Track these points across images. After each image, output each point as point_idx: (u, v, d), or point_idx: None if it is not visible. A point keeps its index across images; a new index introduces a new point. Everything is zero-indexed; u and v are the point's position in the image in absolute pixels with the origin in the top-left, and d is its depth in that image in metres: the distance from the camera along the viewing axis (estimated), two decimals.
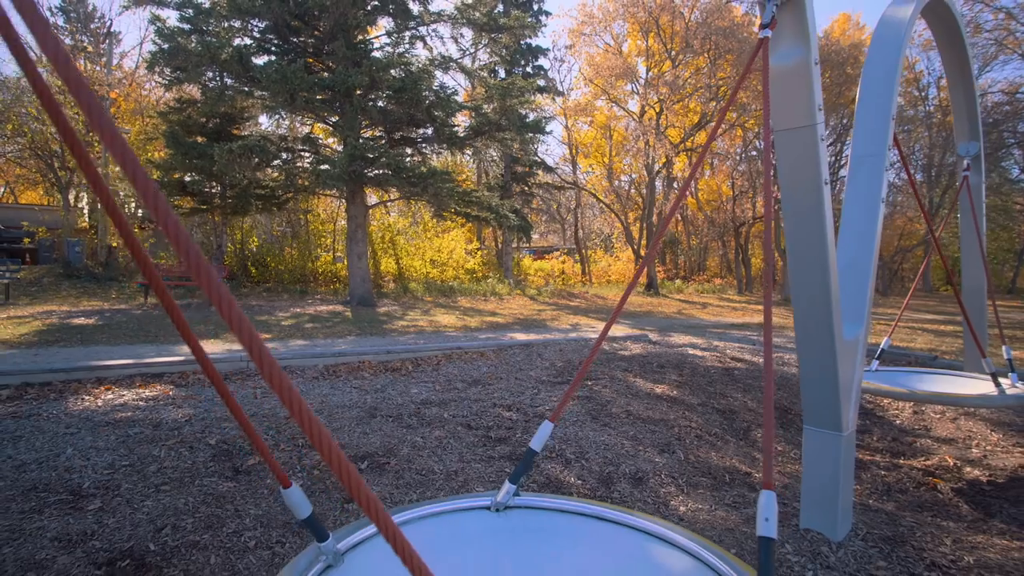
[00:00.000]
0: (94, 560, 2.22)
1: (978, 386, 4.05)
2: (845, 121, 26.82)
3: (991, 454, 4.35)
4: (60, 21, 29.64)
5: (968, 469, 4.07)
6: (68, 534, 2.39)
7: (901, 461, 4.22)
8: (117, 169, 21.95)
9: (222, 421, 3.87)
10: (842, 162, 27.52)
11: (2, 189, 29.58)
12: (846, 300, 2.74)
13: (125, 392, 4.53)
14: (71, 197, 25.01)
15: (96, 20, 30.93)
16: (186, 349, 6.78)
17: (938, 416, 5.21)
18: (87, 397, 4.39)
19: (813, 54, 2.20)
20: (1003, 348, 4.18)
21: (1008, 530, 3.01)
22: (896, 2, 3.43)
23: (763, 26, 2.10)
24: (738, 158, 30.56)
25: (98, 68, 24.65)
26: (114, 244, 20.45)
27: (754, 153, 29.26)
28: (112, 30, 26.70)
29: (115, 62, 26.17)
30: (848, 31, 32.09)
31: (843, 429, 2.61)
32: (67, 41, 27.32)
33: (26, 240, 19.64)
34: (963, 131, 4.86)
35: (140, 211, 23.21)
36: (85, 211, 25.03)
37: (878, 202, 2.86)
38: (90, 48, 27.53)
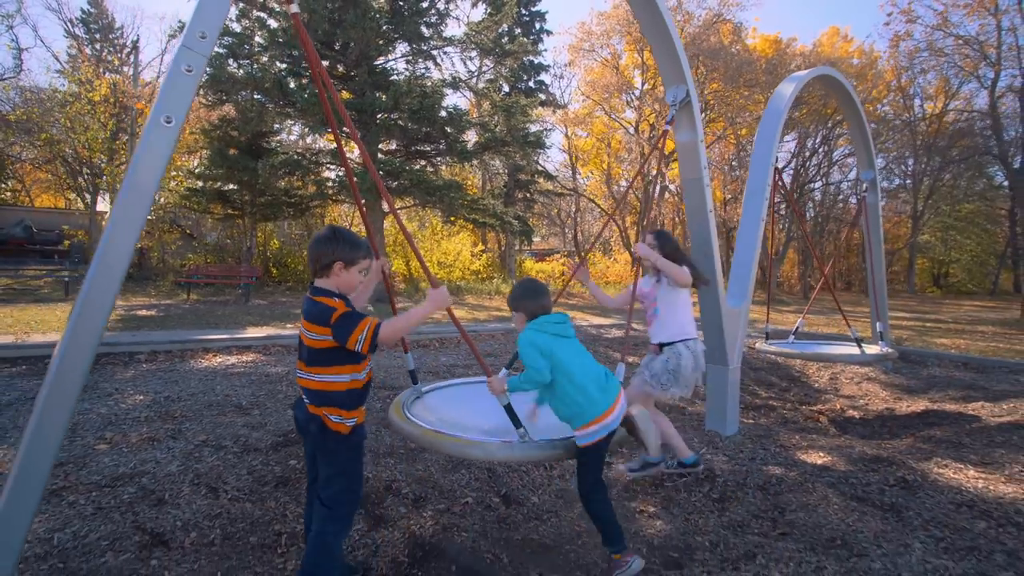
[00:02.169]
0: (272, 433, 3.76)
1: (850, 350, 5.57)
2: (831, 126, 28.30)
3: (873, 403, 5.87)
4: (81, 32, 31.12)
5: (850, 411, 5.60)
6: (250, 424, 3.93)
7: (803, 407, 5.74)
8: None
9: None
10: (824, 170, 28.87)
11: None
12: (734, 284, 4.28)
13: (229, 357, 6.08)
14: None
15: (115, 31, 32.41)
16: (259, 331, 8.31)
17: (847, 380, 6.73)
18: (203, 360, 5.94)
19: (699, 135, 3.74)
20: (876, 324, 5.71)
21: (843, 436, 4.55)
22: (787, 80, 4.98)
23: (667, 123, 3.63)
24: (733, 164, 31.98)
25: (122, 79, 25.93)
26: (140, 246, 21.85)
27: (748, 159, 30.68)
28: (137, 43, 28.20)
29: (140, 72, 27.52)
30: (836, 43, 33.57)
31: (729, 365, 4.14)
32: (88, 51, 28.78)
33: (66, 243, 21.22)
34: (862, 162, 6.39)
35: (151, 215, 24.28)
36: (107, 215, 26.56)
37: (759, 222, 4.39)
38: (117, 61, 29.03)
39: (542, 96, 21.99)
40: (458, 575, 2.51)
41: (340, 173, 14.13)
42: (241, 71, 12.21)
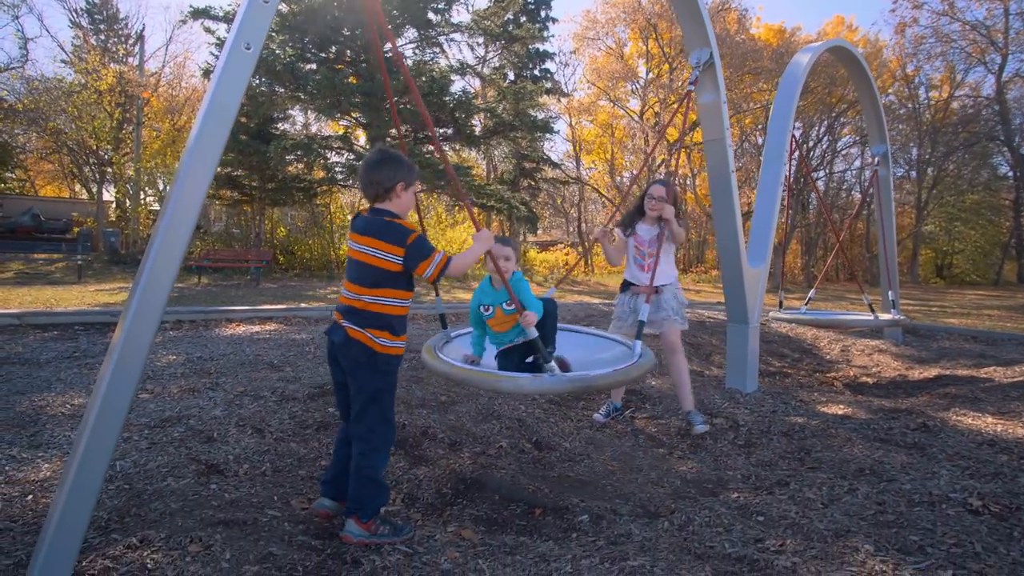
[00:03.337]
0: (308, 386, 3.86)
1: (861, 317, 5.67)
2: (835, 115, 28.27)
3: (885, 372, 5.97)
4: (85, 22, 30.99)
5: (864, 378, 5.70)
6: (283, 379, 4.04)
7: (817, 375, 5.85)
8: (150, 164, 23.46)
9: None
10: (827, 159, 28.88)
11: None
12: (753, 247, 4.37)
13: (253, 327, 6.18)
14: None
15: (119, 21, 32.28)
16: (277, 305, 8.40)
17: (859, 352, 6.83)
18: (227, 328, 6.05)
19: (722, 96, 3.82)
20: (888, 292, 5.80)
21: (856, 394, 4.65)
22: (803, 51, 5.06)
23: (690, 83, 3.72)
24: (737, 153, 31.89)
25: (127, 69, 25.81)
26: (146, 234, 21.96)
27: (750, 148, 30.66)
28: (142, 33, 28.16)
29: (145, 62, 27.44)
30: (841, 33, 33.47)
31: (749, 323, 4.24)
32: (93, 41, 28.68)
33: (75, 230, 21.36)
34: (874, 136, 6.46)
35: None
36: (113, 204, 26.71)
37: (777, 186, 4.48)
38: (122, 51, 29.02)
39: (547, 84, 22.00)
40: (501, 503, 2.62)
41: (349, 158, 14.21)
42: None
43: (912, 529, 2.00)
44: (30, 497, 2.26)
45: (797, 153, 4.99)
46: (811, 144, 29.28)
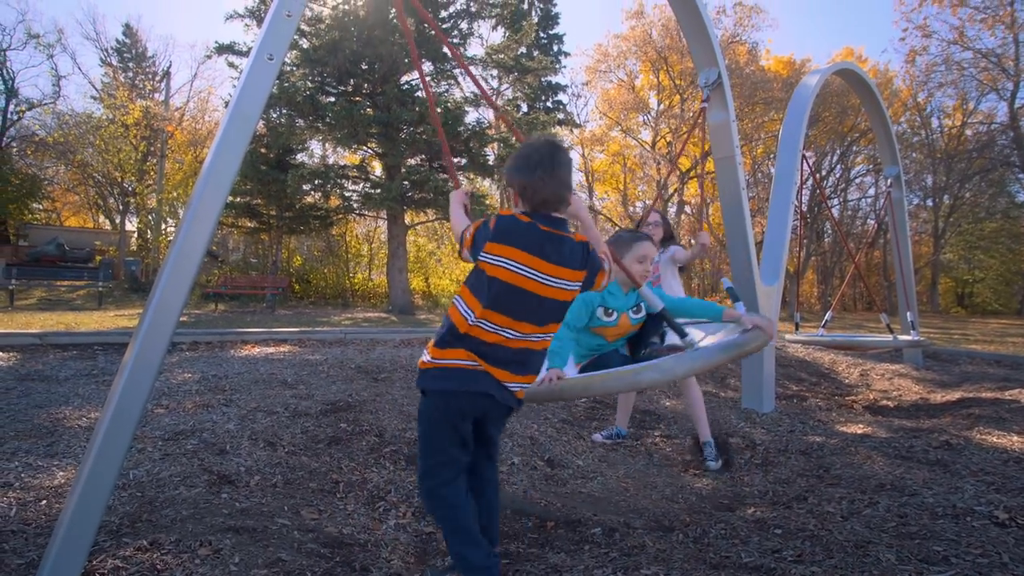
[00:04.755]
0: (320, 403, 3.87)
1: (880, 338, 5.57)
2: (848, 143, 28.30)
3: (906, 395, 5.84)
4: (114, 60, 32.22)
5: (884, 401, 5.58)
6: (297, 396, 4.06)
7: (836, 398, 5.73)
8: (172, 195, 24.03)
9: (353, 360, 5.55)
10: (840, 187, 28.82)
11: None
12: (767, 264, 4.36)
13: (267, 348, 6.24)
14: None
15: (147, 60, 33.52)
16: (288, 329, 8.48)
17: (878, 376, 6.70)
18: (243, 350, 6.10)
19: (731, 115, 3.87)
20: (907, 314, 5.71)
21: (875, 415, 4.55)
22: (811, 73, 5.12)
23: (703, 101, 3.78)
24: (749, 182, 31.92)
25: (153, 104, 26.64)
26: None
27: (763, 178, 30.70)
28: (168, 70, 29.21)
29: (171, 97, 28.39)
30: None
31: None
32: (121, 78, 29.75)
33: (97, 259, 21.88)
34: (886, 158, 6.47)
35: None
36: (135, 234, 27.35)
37: (789, 204, 4.49)
38: (149, 87, 30.10)
39: (560, 115, 22.38)
40: (513, 516, 2.58)
41: (366, 187, 14.47)
42: (275, 88, 12.68)
43: (936, 540, 1.94)
44: (44, 502, 2.27)
45: (811, 181, 5.00)
46: (824, 173, 29.28)
